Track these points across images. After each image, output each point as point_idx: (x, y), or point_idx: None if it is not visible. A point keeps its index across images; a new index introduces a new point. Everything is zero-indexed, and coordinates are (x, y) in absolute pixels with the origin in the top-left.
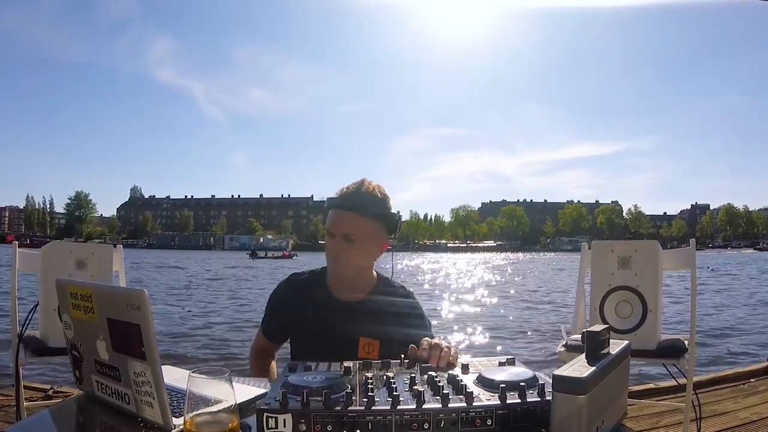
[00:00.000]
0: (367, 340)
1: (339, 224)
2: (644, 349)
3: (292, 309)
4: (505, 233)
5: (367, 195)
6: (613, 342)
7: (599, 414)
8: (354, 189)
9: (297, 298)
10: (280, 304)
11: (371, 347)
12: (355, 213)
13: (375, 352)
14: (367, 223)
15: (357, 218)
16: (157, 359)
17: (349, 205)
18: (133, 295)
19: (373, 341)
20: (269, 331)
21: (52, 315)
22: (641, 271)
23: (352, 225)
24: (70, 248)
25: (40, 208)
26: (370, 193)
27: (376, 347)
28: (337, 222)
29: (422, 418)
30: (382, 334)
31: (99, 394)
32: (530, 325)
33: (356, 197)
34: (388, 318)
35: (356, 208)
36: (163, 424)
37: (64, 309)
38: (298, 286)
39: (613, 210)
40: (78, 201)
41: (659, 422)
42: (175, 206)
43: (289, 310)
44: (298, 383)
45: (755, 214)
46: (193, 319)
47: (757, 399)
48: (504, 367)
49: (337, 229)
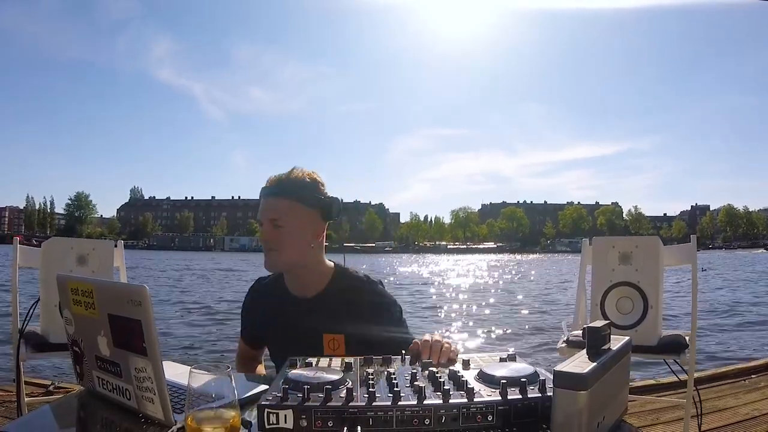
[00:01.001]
0: (331, 336)
1: (264, 210)
2: (645, 345)
3: (258, 313)
4: (505, 235)
5: (295, 180)
6: (614, 338)
7: (600, 410)
8: (280, 175)
9: (261, 301)
10: (249, 309)
11: (336, 343)
12: (280, 197)
13: (341, 348)
14: (295, 208)
15: (283, 202)
16: (158, 355)
17: (275, 190)
18: (134, 291)
19: (338, 336)
20: (247, 337)
21: (53, 311)
22: (642, 267)
23: (278, 210)
24: (71, 244)
25: (40, 209)
26: (298, 178)
27: (341, 342)
28: (263, 208)
29: (423, 413)
30: (345, 329)
31: (100, 389)
32: (531, 321)
33: (281, 182)
34: (350, 311)
35: (282, 192)
36: (164, 419)
37: (65, 305)
38: (262, 289)
39: (613, 211)
40: (78, 201)
41: (660, 418)
42: (175, 207)
43: (256, 314)
44: (299, 379)
45: (755, 215)
46: (195, 315)
47: (758, 395)
48: (505, 363)
49: (264, 215)
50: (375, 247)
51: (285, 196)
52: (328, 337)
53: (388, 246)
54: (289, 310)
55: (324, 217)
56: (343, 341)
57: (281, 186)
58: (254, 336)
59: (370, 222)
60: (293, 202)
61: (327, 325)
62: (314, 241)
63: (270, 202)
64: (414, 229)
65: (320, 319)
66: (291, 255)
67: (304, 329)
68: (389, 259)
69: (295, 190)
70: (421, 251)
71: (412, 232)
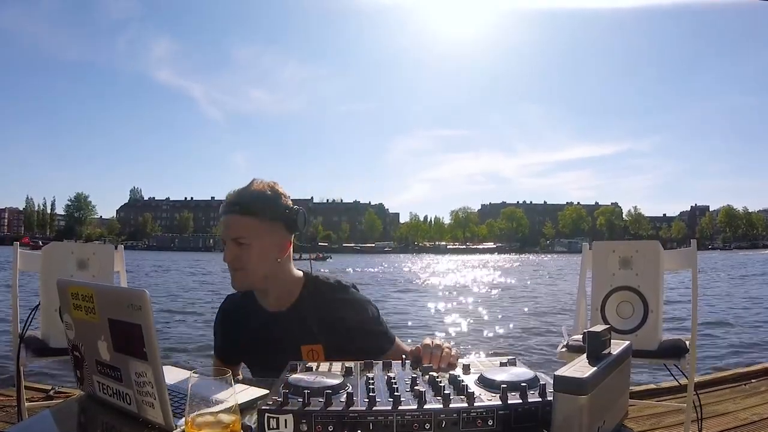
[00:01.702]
0: (309, 347)
1: (227, 229)
2: (645, 350)
3: (232, 331)
4: (504, 235)
5: (255, 193)
6: (614, 342)
7: (600, 414)
8: (240, 190)
9: (234, 319)
10: (221, 328)
11: (315, 354)
12: (241, 215)
13: (320, 357)
14: (257, 223)
15: (244, 219)
16: (158, 359)
17: (235, 207)
18: (134, 296)
19: (316, 347)
20: (221, 355)
21: (54, 315)
22: (642, 271)
23: (241, 227)
24: (71, 248)
25: (39, 210)
26: (257, 191)
27: (320, 352)
28: (226, 226)
29: (423, 418)
30: (323, 338)
31: (100, 394)
32: (531, 325)
33: (242, 198)
34: (325, 319)
35: (242, 209)
36: (165, 424)
37: (65, 309)
38: (233, 307)
39: (613, 212)
40: (78, 202)
41: (660, 423)
42: (175, 208)
43: (230, 333)
44: (299, 383)
45: (755, 216)
46: (196, 318)
47: (758, 399)
48: (505, 368)
49: (226, 234)
50: (374, 247)
51: (247, 213)
52: (306, 349)
53: (388, 246)
54: (263, 326)
55: (289, 230)
56: (321, 351)
57: (242, 203)
58: (229, 354)
59: (370, 222)
60: (255, 219)
61: (303, 337)
62: (280, 255)
63: (232, 219)
64: (413, 229)
65: (296, 332)
66: (258, 273)
67: (282, 343)
68: (389, 259)
69: (257, 206)
70: (421, 251)
71: (412, 233)
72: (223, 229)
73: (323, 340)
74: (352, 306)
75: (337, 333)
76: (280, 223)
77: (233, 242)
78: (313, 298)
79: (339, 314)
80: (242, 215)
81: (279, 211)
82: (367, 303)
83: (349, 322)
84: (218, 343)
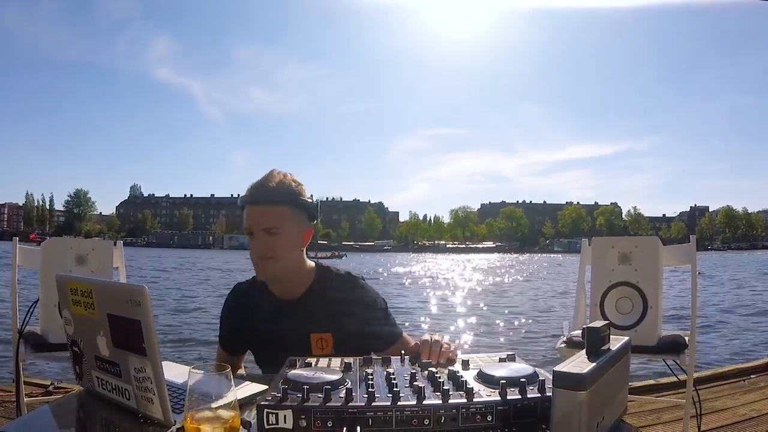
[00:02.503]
0: (319, 336)
1: (257, 219)
2: (644, 345)
3: (240, 318)
4: (504, 234)
5: (279, 184)
6: (613, 338)
7: (600, 410)
8: (263, 181)
9: (242, 306)
10: (229, 316)
11: (324, 342)
12: (270, 205)
13: (329, 347)
14: (285, 211)
15: (276, 210)
16: (157, 355)
17: (262, 198)
18: (133, 291)
19: (325, 335)
20: (226, 345)
21: (53, 311)
22: (641, 267)
23: (273, 217)
24: (70, 244)
25: (39, 206)
26: (280, 182)
27: (329, 341)
28: (255, 217)
29: (423, 413)
30: (332, 327)
31: (99, 390)
32: (530, 321)
33: (267, 188)
34: (336, 308)
35: (270, 199)
36: (164, 420)
37: (64, 305)
38: (242, 295)
39: (613, 212)
40: (77, 199)
41: (659, 418)
42: (175, 205)
43: (238, 321)
44: (298, 379)
45: (754, 216)
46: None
47: (757, 395)
48: (504, 363)
49: (256, 225)
50: (374, 246)
51: (278, 203)
52: (315, 337)
53: (387, 245)
54: (274, 314)
55: (310, 219)
56: (331, 339)
57: (269, 192)
58: (236, 343)
59: (370, 221)
60: (286, 209)
61: (313, 325)
62: (303, 244)
63: (263, 210)
64: (413, 228)
65: (306, 320)
66: (286, 261)
67: (291, 331)
68: (387, 258)
69: (286, 196)
70: (420, 250)
71: (411, 232)
72: (251, 219)
73: (333, 329)
74: (362, 297)
75: (346, 323)
76: (303, 212)
77: (264, 232)
78: (324, 288)
79: (349, 305)
80: (274, 205)
81: (302, 200)
82: (376, 295)
83: (359, 313)
84: (224, 332)
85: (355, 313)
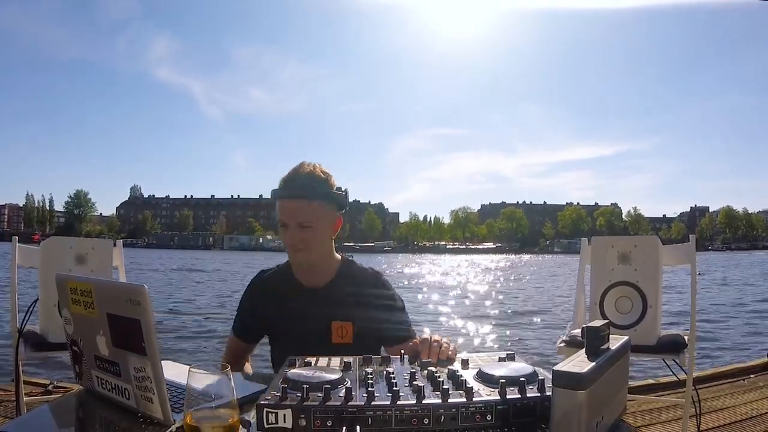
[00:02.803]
0: (339, 324)
1: (291, 213)
2: (644, 345)
3: (262, 305)
4: (504, 235)
5: (311, 177)
6: (612, 337)
7: (599, 409)
8: (295, 175)
9: (266, 293)
10: (251, 302)
11: (344, 330)
12: (303, 199)
13: (348, 335)
14: (317, 206)
15: (307, 203)
16: (157, 354)
17: (295, 192)
18: (133, 290)
19: (346, 324)
20: (242, 332)
21: (52, 310)
22: (641, 266)
23: (304, 211)
24: (70, 243)
25: (39, 206)
26: (311, 174)
27: (349, 330)
28: (289, 211)
29: (422, 413)
30: (353, 317)
31: (99, 389)
32: (530, 321)
33: (299, 182)
34: (358, 300)
35: (303, 193)
36: (163, 419)
37: (64, 304)
38: (266, 282)
39: (613, 212)
40: (77, 199)
41: (659, 417)
42: (175, 206)
43: (260, 307)
44: (298, 378)
45: (755, 217)
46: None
47: (756, 395)
48: (504, 363)
49: (291, 218)
50: (374, 247)
51: (312, 197)
52: (336, 325)
53: (387, 246)
54: (296, 300)
55: (339, 209)
56: (351, 328)
57: (302, 186)
58: (253, 329)
59: (369, 221)
60: (319, 202)
61: (336, 313)
62: (334, 234)
63: (296, 204)
64: (413, 228)
65: (329, 308)
66: (319, 252)
67: (314, 317)
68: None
69: (319, 190)
70: (421, 251)
71: (412, 232)
72: (285, 214)
73: (353, 318)
74: (383, 293)
75: (366, 314)
76: (333, 204)
77: (297, 225)
78: (348, 280)
79: (371, 298)
80: (308, 200)
81: (334, 193)
82: (396, 294)
83: (379, 307)
84: (243, 317)
85: (376, 307)
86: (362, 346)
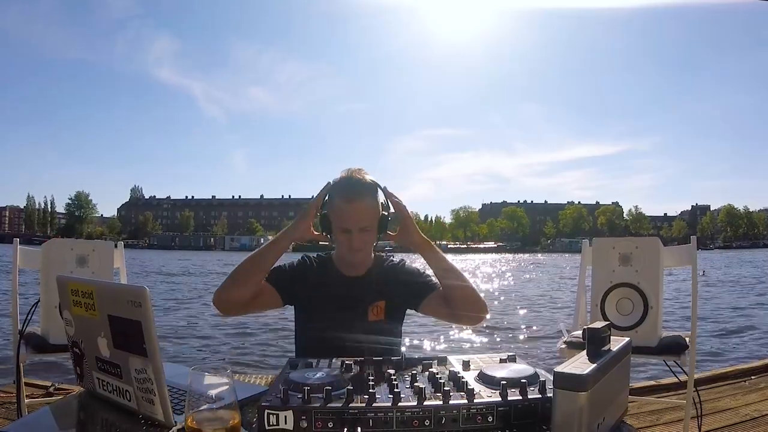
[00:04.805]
0: (374, 304)
1: (356, 219)
2: (645, 346)
3: (303, 279)
4: (505, 234)
5: (368, 182)
6: (614, 339)
7: (600, 411)
8: (355, 181)
9: (311, 272)
10: (297, 271)
11: (378, 309)
12: (364, 204)
13: (381, 312)
14: (374, 210)
15: (368, 208)
16: (158, 356)
17: (357, 197)
18: (134, 292)
19: (380, 303)
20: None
21: (53, 312)
22: (642, 268)
23: (367, 216)
24: (71, 245)
25: (40, 208)
26: (367, 179)
27: (382, 308)
28: (353, 216)
29: (423, 414)
30: (386, 296)
31: (100, 391)
32: (531, 322)
33: (358, 188)
34: (391, 282)
35: (364, 198)
36: (165, 421)
37: (65, 306)
38: (312, 264)
39: (614, 211)
40: (78, 201)
41: (660, 419)
42: (176, 207)
43: (303, 280)
44: (299, 380)
45: (756, 215)
46: (196, 316)
47: (758, 396)
48: (505, 364)
49: (355, 223)
50: (375, 246)
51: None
52: (371, 306)
53: (389, 245)
54: (338, 287)
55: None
56: (383, 306)
57: (362, 192)
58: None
59: None
60: (374, 208)
61: (371, 296)
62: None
63: (362, 209)
64: None
65: (366, 292)
66: (372, 251)
67: (351, 300)
68: None
69: (372, 194)
70: None
71: None
72: (350, 219)
73: (386, 297)
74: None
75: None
76: (380, 205)
77: (360, 230)
78: (384, 268)
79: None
80: (365, 204)
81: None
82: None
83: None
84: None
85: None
86: (393, 320)
